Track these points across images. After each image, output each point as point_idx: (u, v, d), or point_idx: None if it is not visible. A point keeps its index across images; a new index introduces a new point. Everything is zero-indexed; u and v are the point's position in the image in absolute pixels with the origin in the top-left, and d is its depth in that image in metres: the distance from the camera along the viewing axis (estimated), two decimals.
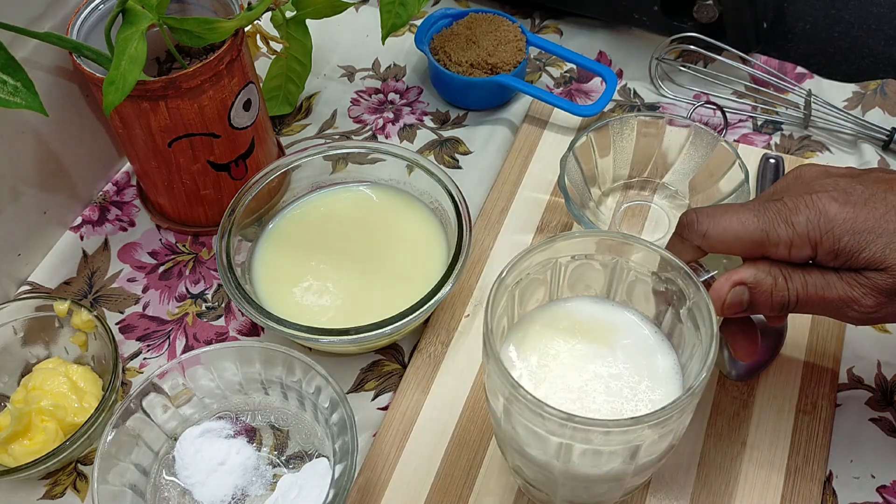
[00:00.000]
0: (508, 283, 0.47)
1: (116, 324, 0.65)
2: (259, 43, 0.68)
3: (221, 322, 0.65)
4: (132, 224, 0.71)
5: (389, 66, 0.81)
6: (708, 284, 0.47)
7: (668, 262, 0.47)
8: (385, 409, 0.60)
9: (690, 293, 0.47)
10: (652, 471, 0.48)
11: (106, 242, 0.69)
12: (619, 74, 0.79)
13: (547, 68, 0.80)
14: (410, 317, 0.56)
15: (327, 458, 0.55)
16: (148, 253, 0.69)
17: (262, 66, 0.74)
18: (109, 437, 0.52)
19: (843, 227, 0.44)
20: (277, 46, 0.69)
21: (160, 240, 0.69)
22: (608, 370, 0.48)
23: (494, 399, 0.46)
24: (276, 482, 0.55)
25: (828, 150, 0.72)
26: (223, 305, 0.66)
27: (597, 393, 0.47)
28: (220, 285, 0.67)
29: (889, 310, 0.45)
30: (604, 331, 0.50)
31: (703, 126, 0.64)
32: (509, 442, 0.47)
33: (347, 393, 0.61)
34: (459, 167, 0.73)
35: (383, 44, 0.68)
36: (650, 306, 0.50)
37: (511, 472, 0.54)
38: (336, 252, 0.63)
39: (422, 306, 0.56)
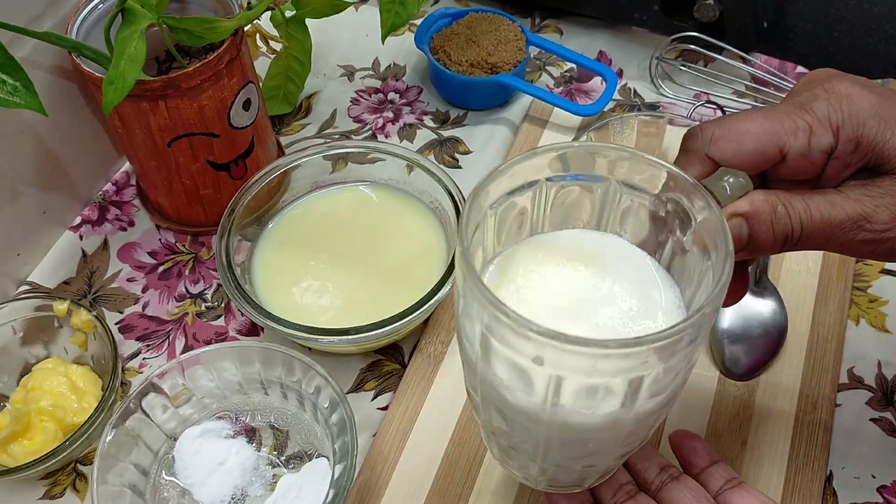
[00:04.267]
0: (482, 203, 0.41)
1: (116, 324, 0.65)
2: (259, 42, 0.68)
3: (221, 322, 0.65)
4: (131, 224, 0.70)
5: (389, 66, 0.81)
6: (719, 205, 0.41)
7: (674, 178, 0.41)
8: (385, 409, 0.60)
9: (698, 213, 0.40)
10: (652, 426, 0.43)
11: (105, 242, 0.69)
12: (620, 74, 0.79)
13: (547, 68, 0.80)
14: (410, 317, 0.56)
15: (327, 458, 0.55)
16: (147, 253, 0.69)
17: (261, 66, 0.74)
18: (109, 438, 0.52)
19: (869, 111, 0.39)
20: (277, 46, 0.69)
21: (160, 239, 0.69)
22: (604, 301, 0.42)
23: (470, 330, 0.39)
24: (275, 482, 0.55)
25: None
26: (223, 305, 0.66)
27: (589, 323, 0.41)
28: (219, 285, 0.67)
29: None
30: (597, 259, 0.44)
31: None
32: (488, 390, 0.41)
33: (347, 393, 0.61)
34: (459, 167, 0.73)
35: (383, 43, 0.68)
36: (648, 236, 0.44)
37: (487, 440, 0.47)
38: (336, 252, 0.63)
39: (422, 306, 0.56)
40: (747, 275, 0.45)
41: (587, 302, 0.41)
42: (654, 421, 0.42)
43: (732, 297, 0.44)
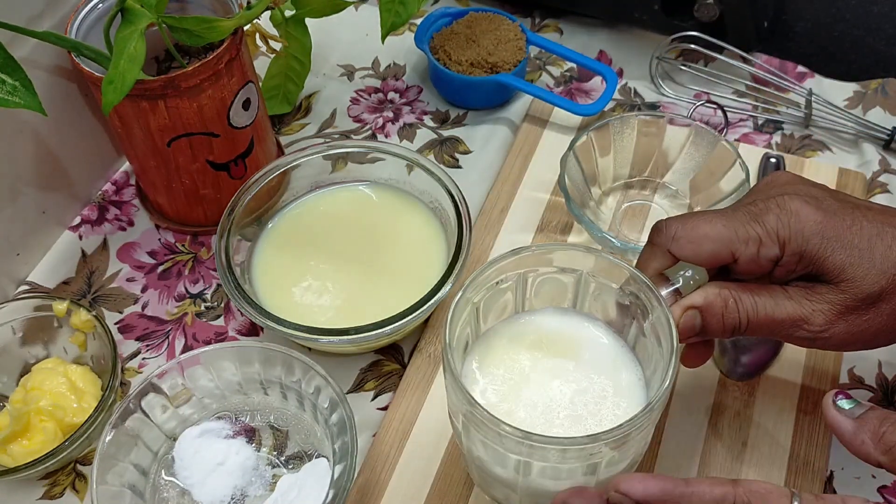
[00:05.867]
0: (469, 297, 0.47)
1: (115, 324, 0.65)
2: (258, 42, 0.68)
3: (220, 322, 0.65)
4: (131, 224, 0.70)
5: (389, 65, 0.81)
6: (679, 293, 0.47)
7: (633, 278, 0.47)
8: (385, 409, 0.60)
9: (652, 310, 0.46)
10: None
11: (105, 242, 0.69)
12: (620, 73, 0.79)
13: (547, 67, 0.80)
14: (410, 317, 0.56)
15: (327, 458, 0.54)
16: (147, 252, 0.69)
17: (261, 66, 0.73)
18: (108, 438, 0.52)
19: (813, 229, 0.44)
20: (277, 45, 0.69)
21: (159, 239, 0.69)
22: (574, 385, 0.48)
23: (455, 416, 0.46)
24: (275, 482, 0.55)
25: (829, 149, 0.72)
26: (222, 305, 0.65)
27: (561, 408, 0.47)
28: (219, 285, 0.67)
29: (836, 330, 0.45)
30: (569, 344, 0.50)
31: (703, 125, 0.64)
32: (472, 459, 0.47)
33: (347, 393, 0.60)
34: (459, 167, 0.73)
35: (383, 43, 0.68)
36: (616, 319, 0.50)
37: (468, 468, 0.53)
38: (336, 252, 0.63)
39: (422, 306, 0.56)
40: (712, 343, 0.50)
41: (562, 392, 0.48)
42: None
43: (696, 362, 0.50)
